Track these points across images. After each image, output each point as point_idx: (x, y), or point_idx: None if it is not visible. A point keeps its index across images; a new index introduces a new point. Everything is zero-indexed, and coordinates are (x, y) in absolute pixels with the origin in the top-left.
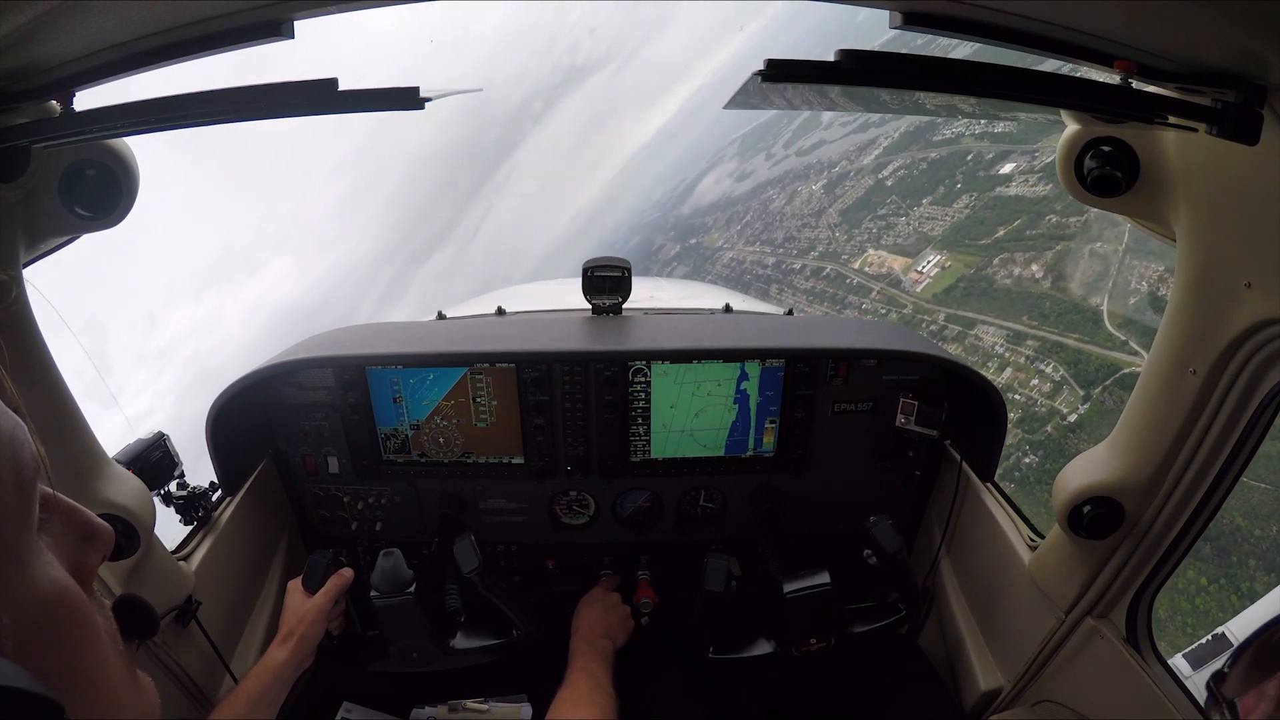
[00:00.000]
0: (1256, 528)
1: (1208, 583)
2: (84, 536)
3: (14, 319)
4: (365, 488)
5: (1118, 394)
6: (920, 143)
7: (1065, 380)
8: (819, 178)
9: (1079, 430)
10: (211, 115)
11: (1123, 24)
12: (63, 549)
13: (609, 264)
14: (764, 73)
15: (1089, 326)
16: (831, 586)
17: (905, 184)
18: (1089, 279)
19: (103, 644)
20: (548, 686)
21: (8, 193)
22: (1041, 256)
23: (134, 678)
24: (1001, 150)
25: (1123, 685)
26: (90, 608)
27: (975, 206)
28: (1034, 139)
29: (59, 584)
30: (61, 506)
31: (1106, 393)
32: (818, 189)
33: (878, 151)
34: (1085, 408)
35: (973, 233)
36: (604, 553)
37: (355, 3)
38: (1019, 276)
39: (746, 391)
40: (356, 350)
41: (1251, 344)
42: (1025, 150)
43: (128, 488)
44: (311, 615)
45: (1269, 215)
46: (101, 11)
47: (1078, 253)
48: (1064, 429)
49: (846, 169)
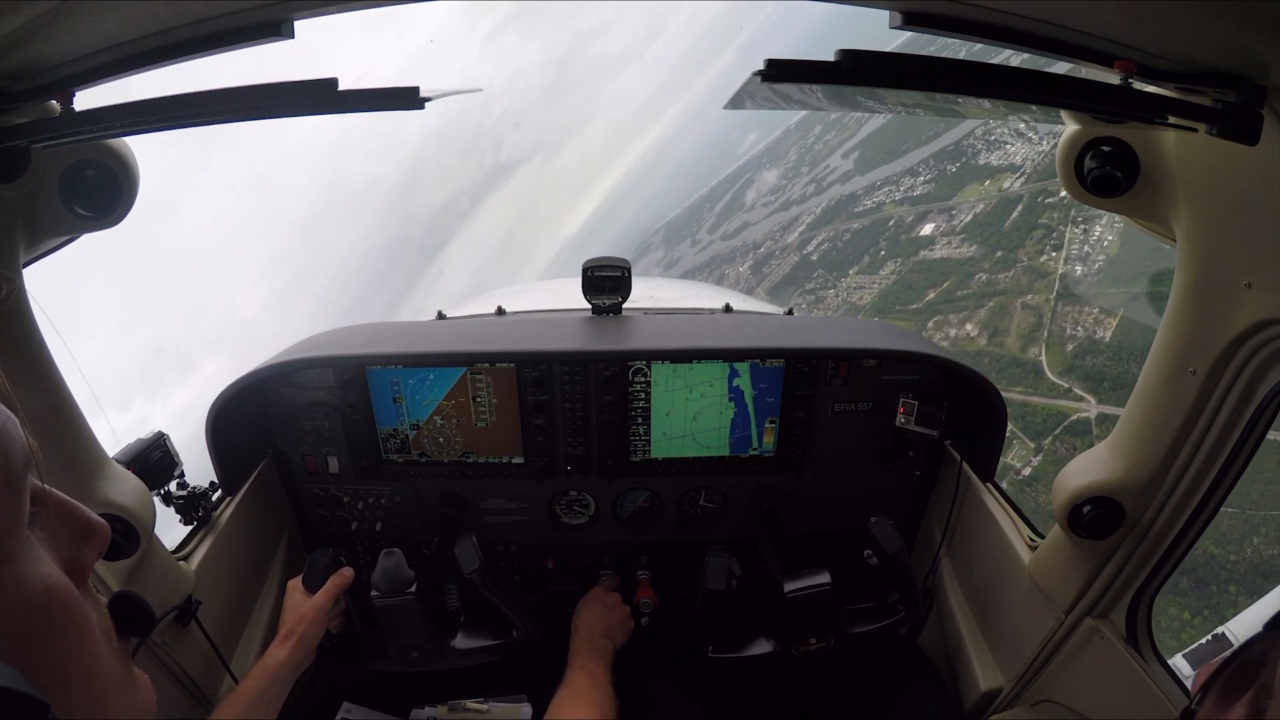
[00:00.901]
0: (1231, 553)
1: (1191, 616)
2: (79, 532)
3: (13, 319)
4: (365, 488)
5: (1069, 441)
6: (843, 214)
7: (1014, 434)
8: (745, 259)
9: (1035, 483)
10: (211, 115)
11: (1123, 24)
12: (57, 545)
13: (609, 264)
14: (764, 72)
15: (1031, 378)
16: (832, 586)
17: (830, 256)
18: (1024, 331)
19: (96, 641)
20: (548, 686)
21: (8, 193)
22: (975, 315)
23: (129, 675)
24: (920, 211)
25: (1123, 685)
26: (83, 604)
27: (902, 271)
28: (948, 194)
29: (50, 579)
30: (54, 502)
31: (1058, 441)
32: (744, 270)
33: (801, 228)
34: (1038, 459)
35: (903, 298)
36: (604, 553)
37: (355, 3)
38: (955, 337)
39: (740, 388)
40: (356, 350)
41: (1251, 344)
42: (942, 209)
43: (128, 487)
44: (311, 615)
45: (1269, 215)
46: (101, 11)
47: (1010, 307)
48: (1019, 483)
49: (772, 248)
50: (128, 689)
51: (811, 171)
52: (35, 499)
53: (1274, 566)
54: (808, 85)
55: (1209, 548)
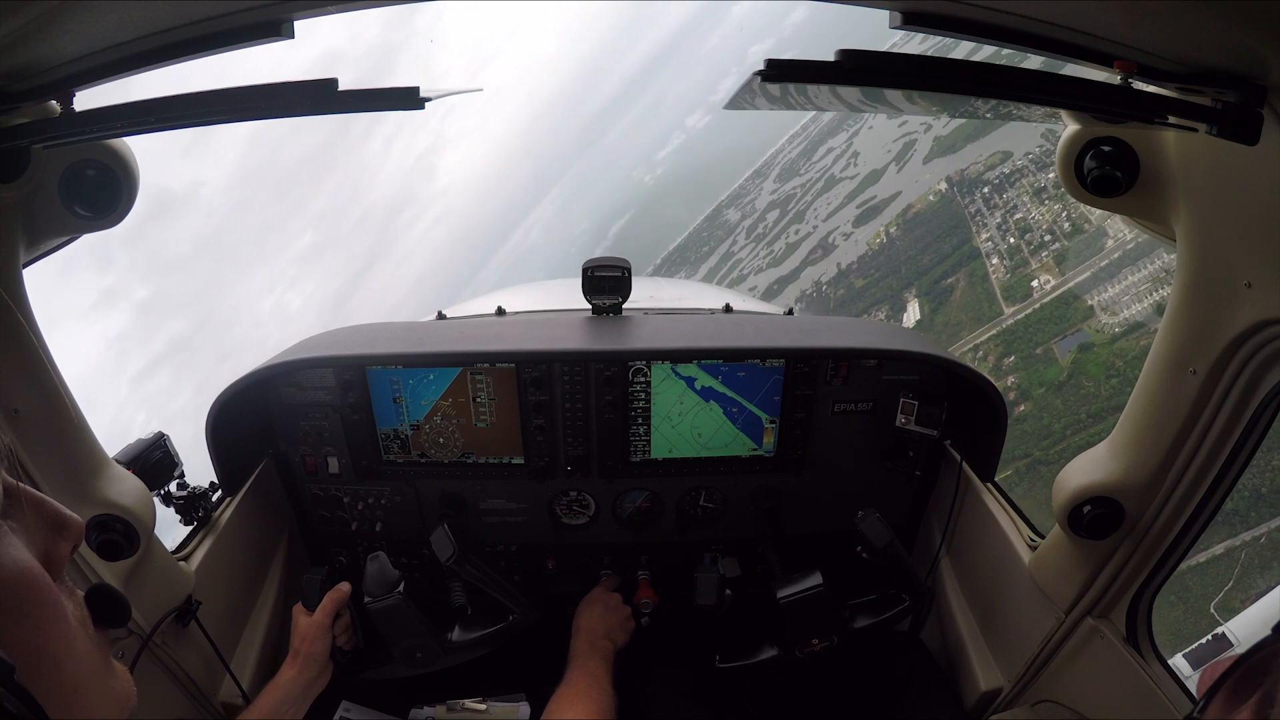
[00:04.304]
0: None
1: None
2: (53, 526)
3: (13, 319)
4: (365, 488)
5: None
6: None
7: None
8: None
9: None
10: (211, 115)
11: (1123, 24)
12: (32, 538)
13: (609, 264)
14: (764, 72)
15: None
16: (824, 587)
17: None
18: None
19: (69, 626)
20: (546, 686)
21: (8, 193)
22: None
23: (107, 664)
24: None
25: (1123, 685)
26: (55, 591)
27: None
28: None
29: (21, 564)
30: (27, 497)
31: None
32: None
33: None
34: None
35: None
36: (604, 553)
37: (355, 3)
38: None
39: (708, 387)
40: (356, 350)
41: (1251, 344)
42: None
43: (128, 488)
44: (313, 632)
45: (1269, 215)
46: (101, 11)
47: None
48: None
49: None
50: (105, 677)
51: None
52: (9, 493)
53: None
54: (808, 86)
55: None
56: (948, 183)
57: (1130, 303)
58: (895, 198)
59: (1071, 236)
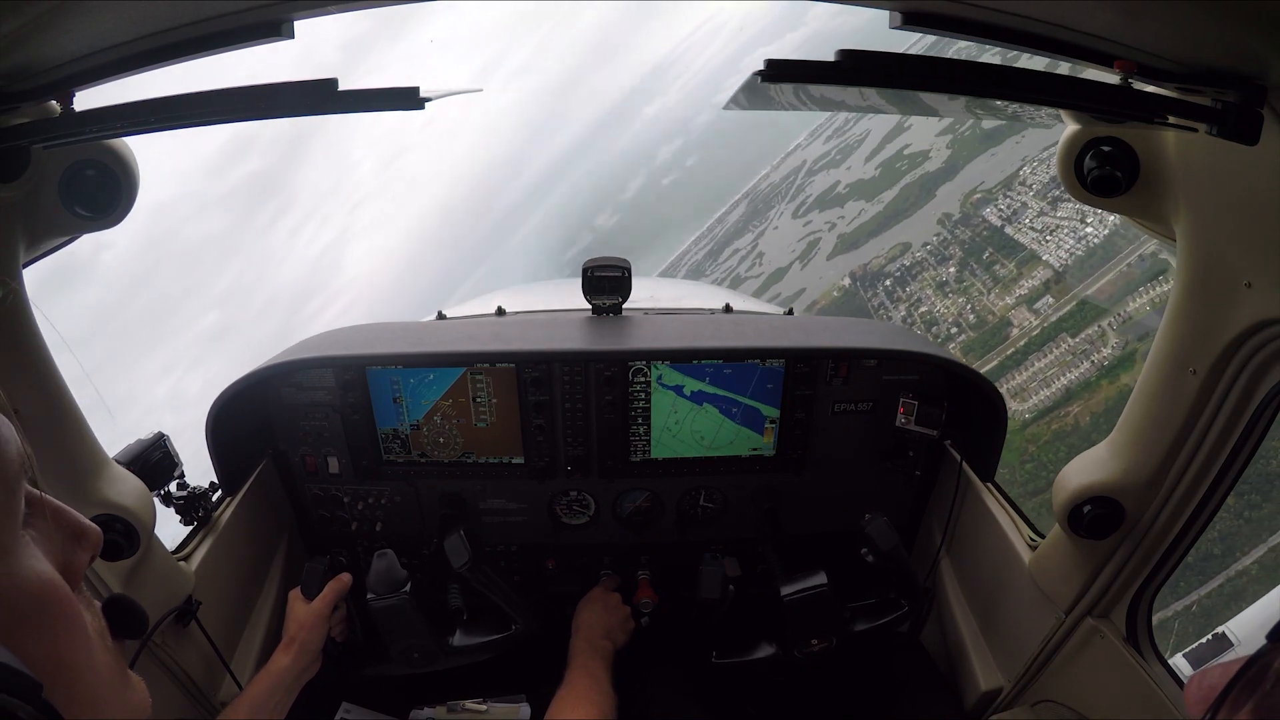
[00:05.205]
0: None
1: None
2: (73, 536)
3: (13, 319)
4: (365, 488)
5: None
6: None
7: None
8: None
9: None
10: (211, 115)
11: (1123, 24)
12: (51, 547)
13: (609, 264)
14: (764, 72)
15: None
16: (828, 587)
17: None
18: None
19: (88, 638)
20: (547, 687)
21: (8, 193)
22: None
23: (124, 676)
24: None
25: (1123, 685)
26: (75, 603)
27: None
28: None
29: (44, 576)
30: (48, 506)
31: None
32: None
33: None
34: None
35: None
36: (604, 553)
37: (355, 3)
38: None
39: (699, 391)
40: (356, 350)
41: (1251, 344)
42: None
43: (128, 488)
44: (311, 621)
45: (1269, 215)
46: (101, 11)
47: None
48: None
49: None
50: (122, 688)
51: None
52: (29, 502)
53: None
54: (808, 86)
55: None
56: (851, 278)
57: (1039, 388)
58: (799, 294)
59: (977, 328)
